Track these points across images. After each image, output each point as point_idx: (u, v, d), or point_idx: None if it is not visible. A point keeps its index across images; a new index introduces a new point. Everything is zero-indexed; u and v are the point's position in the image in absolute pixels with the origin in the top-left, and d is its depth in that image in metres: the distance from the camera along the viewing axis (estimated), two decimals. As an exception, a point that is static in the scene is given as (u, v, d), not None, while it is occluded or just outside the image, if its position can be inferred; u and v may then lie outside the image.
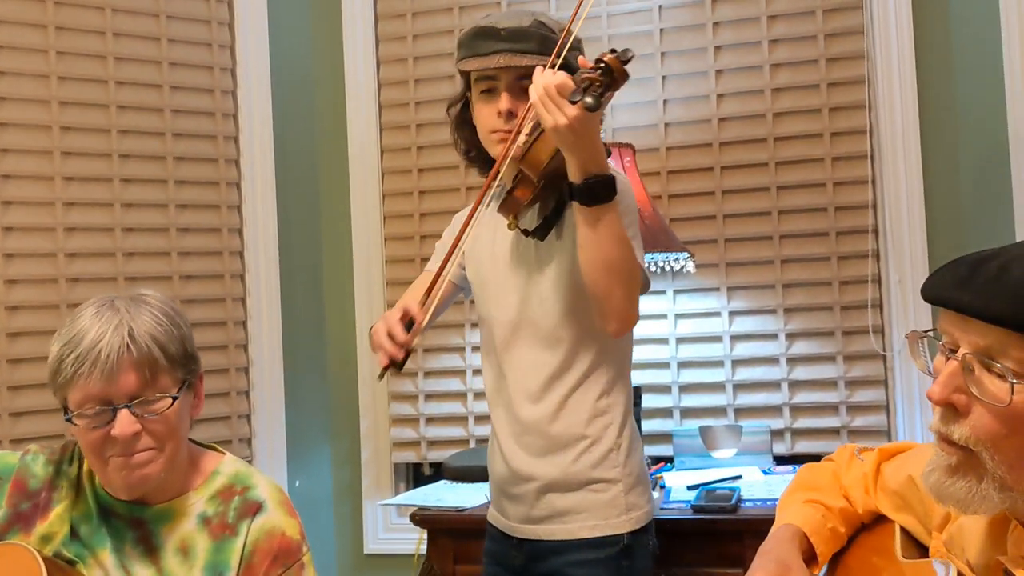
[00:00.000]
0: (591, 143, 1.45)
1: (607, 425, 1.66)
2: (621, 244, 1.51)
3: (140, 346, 1.30)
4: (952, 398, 0.96)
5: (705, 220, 2.65)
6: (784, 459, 2.50)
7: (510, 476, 1.70)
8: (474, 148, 1.78)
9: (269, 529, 1.36)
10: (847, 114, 2.58)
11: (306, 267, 2.91)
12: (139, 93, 2.65)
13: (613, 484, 1.64)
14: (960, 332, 0.97)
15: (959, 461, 0.96)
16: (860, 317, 2.54)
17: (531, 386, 1.67)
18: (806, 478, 1.35)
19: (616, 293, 1.53)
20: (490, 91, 1.67)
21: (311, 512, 2.85)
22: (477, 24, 1.68)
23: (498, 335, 1.72)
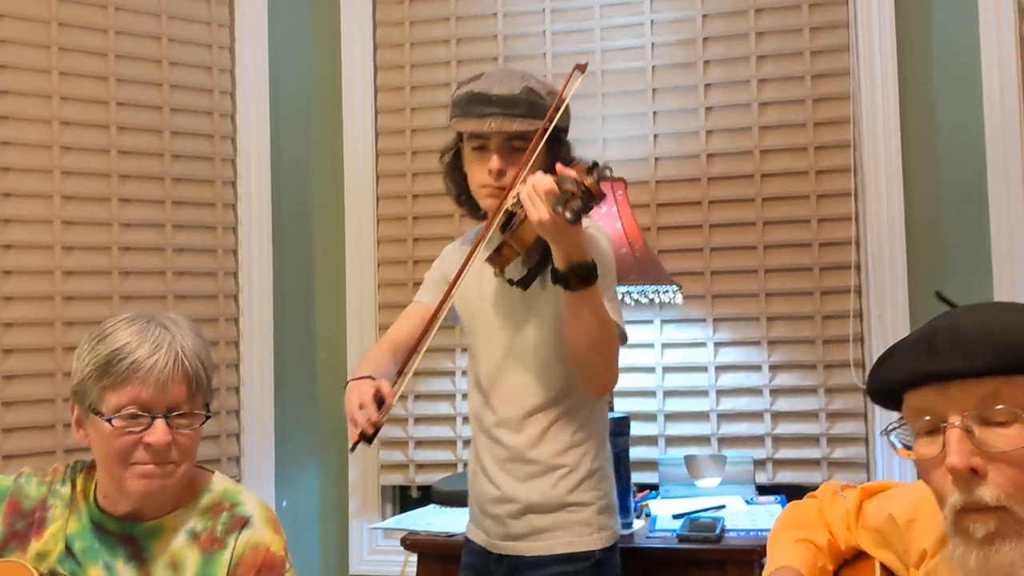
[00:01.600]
0: (573, 236, 1.57)
1: (583, 454, 1.79)
2: (602, 323, 1.65)
3: (192, 362, 1.38)
4: (972, 462, 0.97)
5: (693, 252, 2.71)
6: (766, 489, 2.56)
7: (495, 498, 1.82)
8: (464, 193, 1.89)
9: (255, 544, 1.41)
10: (832, 153, 2.65)
11: (299, 289, 2.95)
12: (139, 114, 2.68)
13: (587, 506, 1.78)
14: (943, 403, 1.00)
15: (997, 525, 0.96)
16: (842, 351, 2.61)
17: (513, 417, 1.80)
18: (794, 516, 1.40)
19: (597, 364, 1.70)
20: (481, 148, 1.79)
21: (297, 532, 2.88)
22: (471, 88, 1.80)
23: (484, 369, 1.85)
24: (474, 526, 1.90)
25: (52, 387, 2.51)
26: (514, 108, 1.74)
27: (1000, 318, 1.01)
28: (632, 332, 2.68)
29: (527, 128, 1.74)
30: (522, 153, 1.74)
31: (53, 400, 2.51)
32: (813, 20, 2.68)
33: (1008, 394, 0.97)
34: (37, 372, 2.50)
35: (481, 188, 1.80)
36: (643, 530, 2.16)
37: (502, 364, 1.81)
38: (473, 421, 1.89)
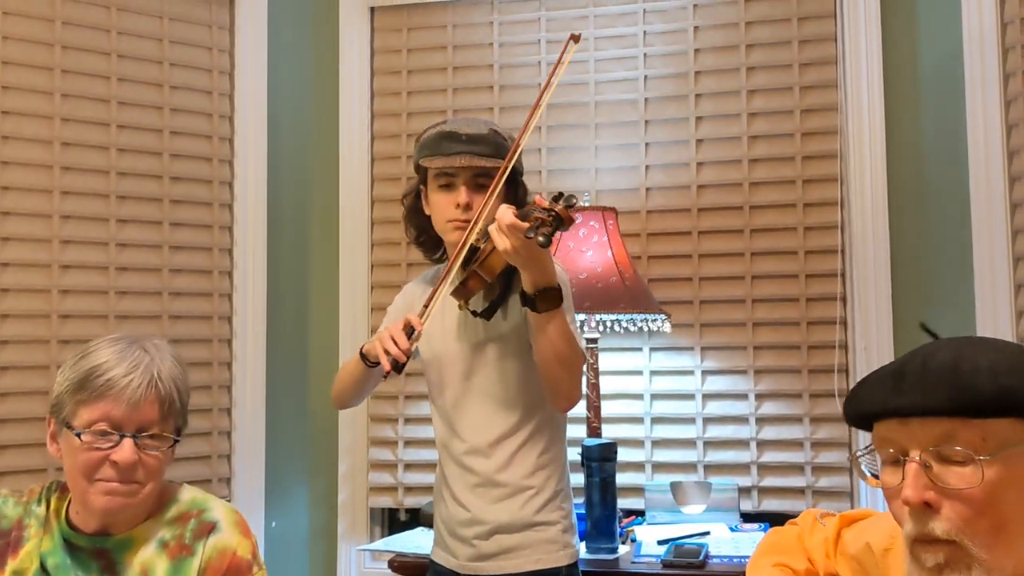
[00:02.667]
0: (539, 262, 1.68)
1: (548, 476, 1.88)
2: (568, 340, 1.74)
3: (166, 386, 1.42)
4: (925, 496, 1.01)
5: (682, 282, 2.76)
6: (750, 516, 2.59)
7: (465, 521, 1.88)
8: (424, 234, 2.00)
9: (222, 548, 1.45)
10: (819, 186, 2.70)
11: (292, 313, 2.98)
12: (138, 136, 2.72)
13: (553, 525, 1.87)
14: (904, 437, 1.03)
15: (946, 557, 1.00)
16: (827, 381, 2.65)
17: (481, 444, 1.87)
18: (773, 541, 1.43)
19: (564, 380, 1.79)
20: (448, 185, 1.89)
21: (286, 553, 2.89)
22: (441, 129, 1.92)
23: (449, 399, 1.92)
24: (440, 550, 1.96)
25: (46, 406, 2.52)
26: (482, 146, 1.86)
27: (972, 358, 1.03)
28: (621, 359, 2.75)
29: (494, 165, 1.84)
30: (486, 189, 1.84)
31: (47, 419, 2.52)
32: (803, 56, 2.74)
33: (964, 436, 1.00)
34: (32, 390, 2.52)
35: (448, 223, 1.88)
36: (628, 555, 2.19)
37: (467, 393, 1.89)
38: (440, 448, 1.96)
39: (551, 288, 1.71)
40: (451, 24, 2.98)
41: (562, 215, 1.62)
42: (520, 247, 1.63)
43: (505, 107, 2.90)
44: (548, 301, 1.70)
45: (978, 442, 1.00)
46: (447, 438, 1.93)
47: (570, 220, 1.63)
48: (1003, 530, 1.00)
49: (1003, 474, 0.99)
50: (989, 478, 0.99)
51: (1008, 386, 0.99)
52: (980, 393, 1.00)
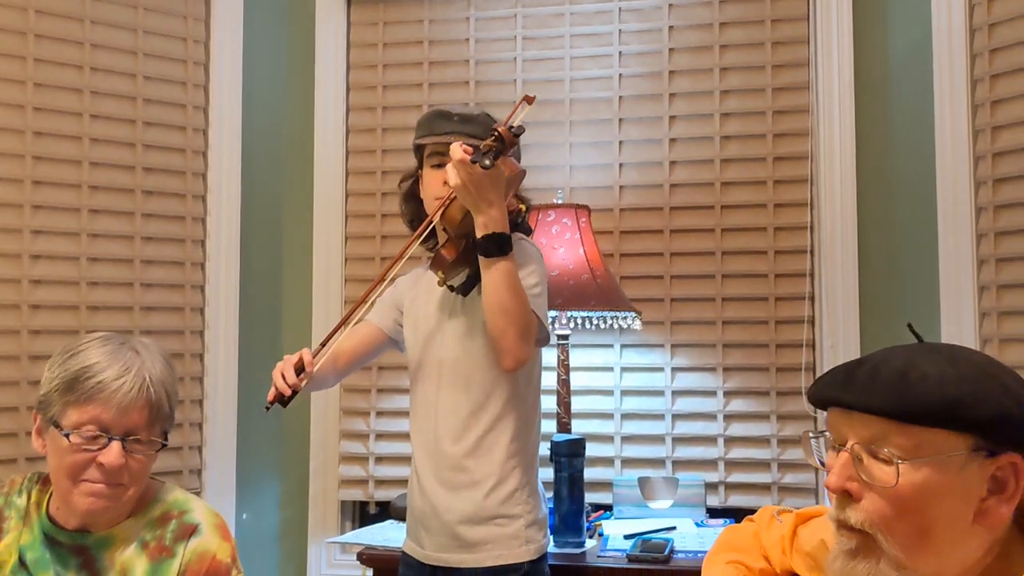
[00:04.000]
0: (491, 204, 1.74)
1: (515, 467, 1.89)
2: (515, 293, 1.78)
3: (156, 390, 1.42)
4: (847, 485, 1.08)
5: (653, 280, 2.78)
6: (717, 512, 2.62)
7: (429, 510, 1.91)
8: (417, 219, 2.02)
9: (202, 552, 1.46)
10: (790, 187, 2.74)
11: (265, 303, 2.98)
12: (112, 127, 2.71)
13: (516, 519, 1.88)
14: (846, 427, 1.09)
15: (858, 545, 1.07)
16: (794, 379, 2.69)
17: (451, 425, 1.90)
18: (729, 539, 1.46)
19: (509, 333, 1.78)
20: (440, 165, 1.92)
21: (256, 545, 2.90)
22: (435, 108, 1.97)
23: (426, 381, 1.95)
24: (410, 540, 1.99)
25: (17, 396, 2.52)
26: (472, 126, 1.90)
27: (923, 367, 1.06)
28: (592, 356, 2.77)
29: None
30: None
31: (17, 408, 2.52)
32: (775, 59, 2.77)
33: (895, 440, 1.05)
34: (2, 380, 2.51)
35: (436, 200, 1.90)
36: (595, 549, 2.21)
37: (443, 375, 1.92)
38: (414, 435, 1.98)
39: (501, 234, 1.75)
40: (427, 19, 2.98)
41: (503, 134, 1.70)
42: (468, 180, 1.70)
43: (481, 103, 2.90)
44: (495, 246, 1.75)
45: (910, 447, 1.04)
46: (421, 421, 1.95)
47: (512, 142, 1.71)
48: (926, 534, 1.04)
49: (931, 480, 1.03)
50: (912, 481, 1.03)
51: (950, 398, 1.03)
52: (920, 402, 1.04)
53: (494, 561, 1.85)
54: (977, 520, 1.04)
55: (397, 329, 2.06)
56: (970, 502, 1.04)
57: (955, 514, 1.03)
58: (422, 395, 1.96)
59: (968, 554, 1.05)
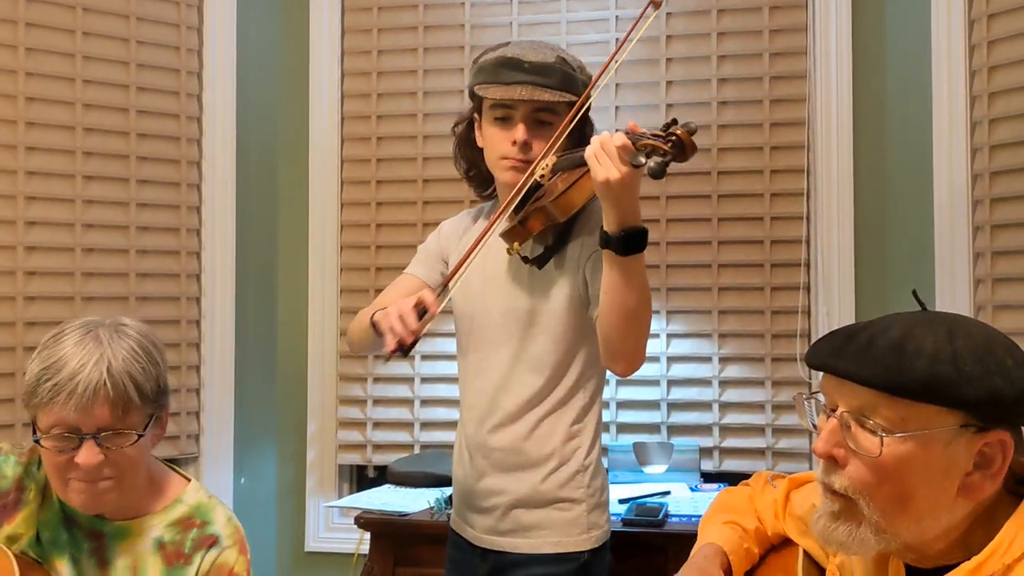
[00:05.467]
0: (633, 198, 1.49)
1: (576, 448, 1.74)
2: (643, 293, 1.56)
3: (117, 383, 1.34)
4: (833, 451, 1.08)
5: (649, 247, 2.72)
6: (711, 476, 2.64)
7: (479, 491, 1.77)
8: (475, 168, 1.84)
9: (220, 564, 1.45)
10: (787, 153, 2.73)
11: (261, 271, 2.98)
12: (104, 92, 2.69)
13: (577, 504, 1.73)
14: (838, 394, 1.09)
15: (840, 508, 1.08)
16: (789, 345, 2.70)
17: (509, 406, 1.74)
18: (725, 501, 1.48)
19: (631, 337, 1.58)
20: (506, 119, 1.72)
21: (254, 509, 2.93)
22: (502, 53, 1.73)
23: (479, 352, 1.78)
24: (458, 517, 1.85)
25: (12, 388, 2.52)
26: (546, 77, 1.67)
27: (921, 338, 1.06)
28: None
29: (558, 99, 1.67)
30: (547, 126, 1.68)
31: (12, 400, 2.51)
32: (773, 23, 2.75)
33: (883, 411, 1.05)
34: (0, 373, 2.52)
35: (501, 160, 1.72)
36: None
37: (500, 351, 1.75)
38: (465, 409, 1.82)
39: (638, 228, 1.50)
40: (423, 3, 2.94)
41: (684, 140, 1.40)
42: (625, 176, 1.43)
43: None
44: (634, 243, 1.50)
45: (897, 420, 1.04)
46: (473, 395, 1.79)
47: (693, 147, 1.41)
48: (906, 502, 1.05)
49: (915, 453, 1.04)
50: (896, 453, 1.04)
51: (942, 376, 1.03)
52: (911, 377, 1.03)
53: (552, 548, 1.71)
54: (960, 494, 1.05)
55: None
56: (954, 476, 1.04)
57: (938, 486, 1.04)
58: (477, 369, 1.78)
59: (950, 521, 1.06)
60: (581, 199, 1.58)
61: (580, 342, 1.74)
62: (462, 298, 1.82)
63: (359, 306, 2.86)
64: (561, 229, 1.68)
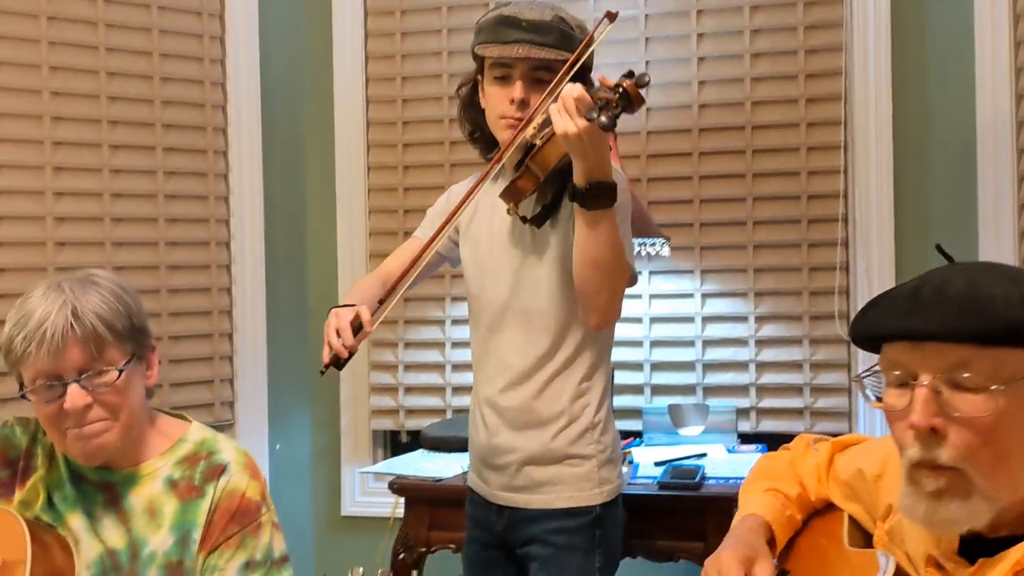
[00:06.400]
0: (598, 152, 1.51)
1: (585, 405, 1.76)
2: (614, 247, 1.59)
3: (84, 323, 1.35)
4: (933, 422, 0.99)
5: (682, 204, 2.72)
6: (748, 437, 2.61)
7: (492, 448, 1.79)
8: (479, 129, 1.84)
9: (231, 490, 1.44)
10: (823, 105, 2.65)
11: (290, 236, 2.96)
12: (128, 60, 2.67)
13: (588, 460, 1.75)
14: (916, 361, 1.01)
15: (947, 483, 1.00)
16: (827, 303, 2.64)
17: (518, 365, 1.76)
18: (765, 467, 1.44)
19: (603, 292, 1.62)
20: (504, 78, 1.73)
21: (290, 475, 2.94)
22: (500, 12, 1.74)
23: (488, 314, 1.80)
24: (475, 476, 1.88)
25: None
26: (544, 35, 1.68)
27: (988, 285, 1.00)
28: (620, 282, 2.73)
29: (555, 57, 1.67)
30: (546, 85, 1.67)
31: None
32: (808, -30, 2.66)
33: (978, 364, 0.98)
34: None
35: (500, 119, 1.73)
36: (625, 477, 2.20)
37: (508, 310, 1.77)
38: (477, 370, 1.85)
39: (606, 183, 1.53)
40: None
41: (630, 92, 1.44)
42: (583, 131, 1.46)
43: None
44: (600, 197, 1.53)
45: (991, 371, 0.98)
46: (483, 358, 1.82)
47: (640, 100, 1.45)
48: (1005, 460, 0.99)
49: (1011, 405, 0.98)
50: (1000, 407, 0.97)
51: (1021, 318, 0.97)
52: (998, 323, 0.97)
53: (564, 503, 1.74)
54: None
55: (451, 247, 1.90)
56: None
57: None
58: (485, 331, 1.80)
59: None
60: (556, 155, 1.58)
61: None
62: (471, 261, 1.85)
63: (389, 271, 2.88)
64: (557, 189, 1.69)
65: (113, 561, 1.42)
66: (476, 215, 1.84)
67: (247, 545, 1.42)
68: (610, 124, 1.43)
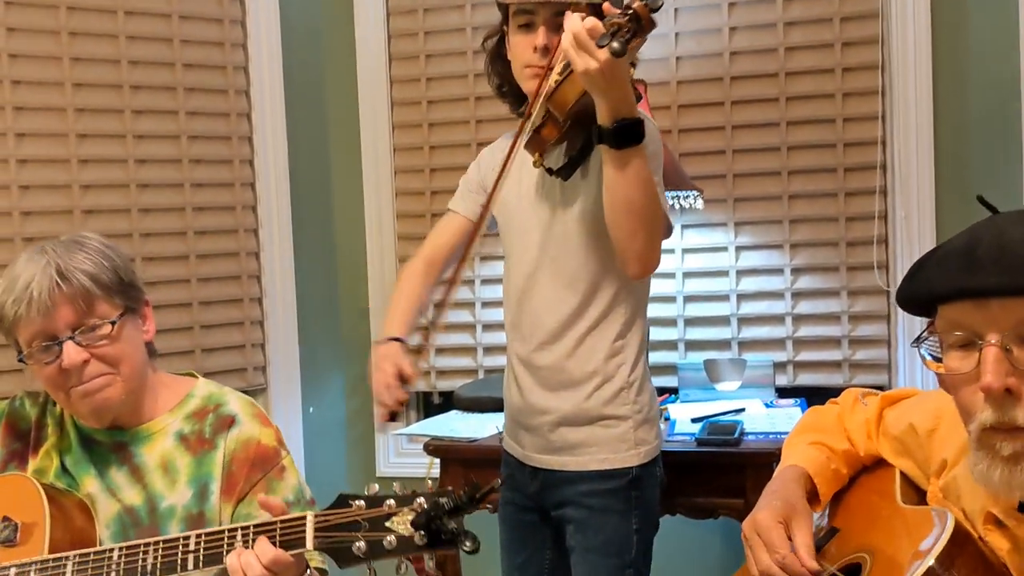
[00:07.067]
0: (620, 87, 1.44)
1: (620, 364, 1.72)
2: (646, 188, 1.52)
3: (70, 280, 1.36)
4: (1007, 382, 0.94)
5: (714, 155, 2.66)
6: (786, 391, 2.57)
7: (526, 408, 1.77)
8: (506, 83, 1.79)
9: (244, 440, 1.45)
10: (859, 49, 2.56)
11: (317, 199, 2.94)
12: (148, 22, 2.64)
13: (623, 420, 1.71)
14: (980, 320, 0.96)
15: None
16: (865, 253, 2.58)
17: (549, 324, 1.72)
18: (812, 420, 1.40)
19: (639, 236, 1.56)
20: (527, 25, 1.67)
21: (324, 437, 2.94)
22: None
23: (519, 271, 1.76)
24: (509, 437, 1.86)
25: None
26: None
27: None
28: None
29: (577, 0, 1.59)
30: None
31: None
32: (842, -92, 2.56)
33: None
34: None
35: (525, 68, 1.68)
36: (662, 434, 2.18)
37: (539, 268, 1.72)
38: (508, 328, 1.81)
39: (631, 120, 1.46)
40: None
41: (640, 14, 1.36)
42: (603, 64, 1.38)
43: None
44: (627, 135, 1.46)
45: None
46: (515, 315, 1.77)
47: (650, 23, 1.37)
48: None
49: None
50: None
51: None
52: None
53: (599, 465, 1.70)
54: None
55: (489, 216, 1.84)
56: None
57: None
58: (516, 288, 1.76)
59: None
60: (574, 94, 1.52)
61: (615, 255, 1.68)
62: (503, 220, 1.81)
63: (415, 231, 2.86)
64: (584, 137, 1.62)
65: (132, 518, 1.43)
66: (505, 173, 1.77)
67: (275, 488, 1.43)
68: (621, 49, 1.34)
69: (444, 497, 1.16)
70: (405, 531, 1.15)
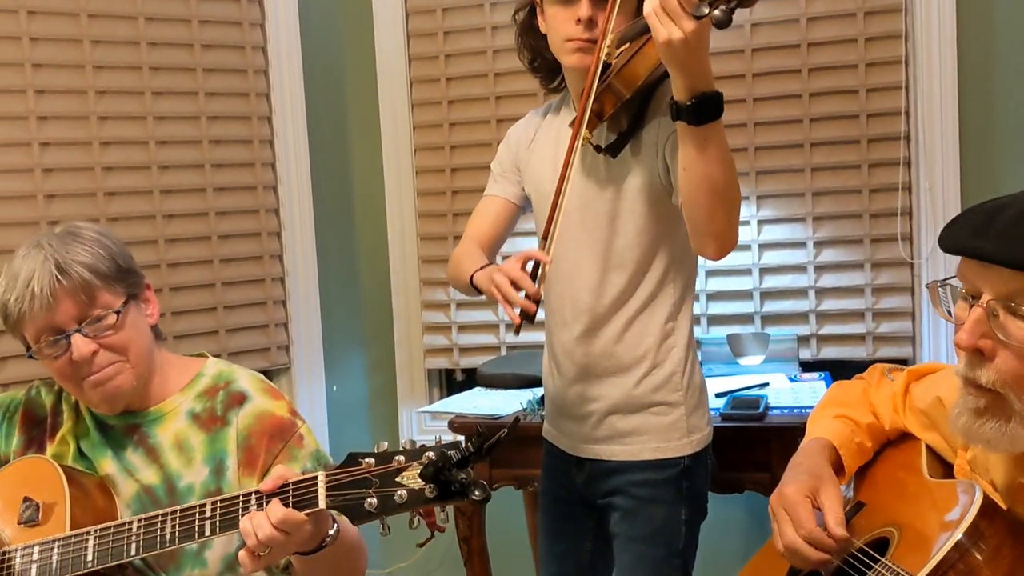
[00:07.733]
0: (702, 60, 1.32)
1: (672, 348, 1.65)
2: (726, 164, 1.41)
3: (69, 273, 1.37)
4: (979, 343, 0.98)
5: (735, 128, 2.63)
6: (810, 365, 2.55)
7: (571, 397, 1.70)
8: (539, 57, 1.71)
9: (259, 414, 1.46)
10: (882, 18, 2.53)
11: (338, 177, 2.94)
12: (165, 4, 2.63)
13: (675, 407, 1.65)
14: (981, 280, 0.99)
15: (987, 404, 0.99)
16: (889, 225, 2.55)
17: (596, 308, 1.65)
18: (836, 395, 1.40)
19: (719, 215, 1.44)
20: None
21: (348, 416, 2.96)
22: None
23: (562, 255, 1.65)
24: (551, 427, 1.79)
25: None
26: None
27: None
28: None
29: None
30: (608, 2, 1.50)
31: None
32: None
33: None
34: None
35: (567, 42, 1.57)
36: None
37: (581, 248, 1.64)
38: (549, 314, 1.73)
39: (711, 94, 1.34)
40: None
41: None
42: (690, 35, 1.26)
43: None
44: (708, 110, 1.34)
45: None
46: (557, 299, 1.69)
47: None
48: None
49: None
50: None
51: None
52: None
53: (651, 454, 1.63)
54: None
55: (522, 194, 1.78)
56: None
57: None
58: (557, 272, 1.65)
59: None
60: (645, 68, 1.44)
61: (664, 233, 1.62)
62: (536, 199, 1.74)
63: (435, 209, 2.86)
64: (635, 112, 1.56)
65: (151, 497, 1.45)
66: (536, 150, 1.73)
67: (296, 456, 1.44)
68: (726, 19, 1.20)
69: (452, 449, 1.17)
70: (415, 485, 1.17)
